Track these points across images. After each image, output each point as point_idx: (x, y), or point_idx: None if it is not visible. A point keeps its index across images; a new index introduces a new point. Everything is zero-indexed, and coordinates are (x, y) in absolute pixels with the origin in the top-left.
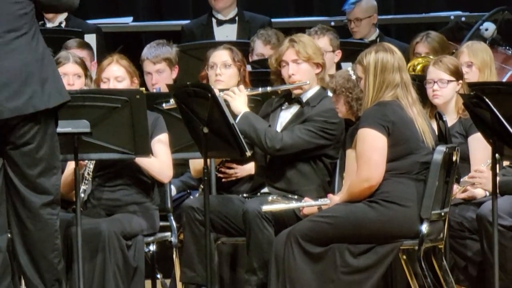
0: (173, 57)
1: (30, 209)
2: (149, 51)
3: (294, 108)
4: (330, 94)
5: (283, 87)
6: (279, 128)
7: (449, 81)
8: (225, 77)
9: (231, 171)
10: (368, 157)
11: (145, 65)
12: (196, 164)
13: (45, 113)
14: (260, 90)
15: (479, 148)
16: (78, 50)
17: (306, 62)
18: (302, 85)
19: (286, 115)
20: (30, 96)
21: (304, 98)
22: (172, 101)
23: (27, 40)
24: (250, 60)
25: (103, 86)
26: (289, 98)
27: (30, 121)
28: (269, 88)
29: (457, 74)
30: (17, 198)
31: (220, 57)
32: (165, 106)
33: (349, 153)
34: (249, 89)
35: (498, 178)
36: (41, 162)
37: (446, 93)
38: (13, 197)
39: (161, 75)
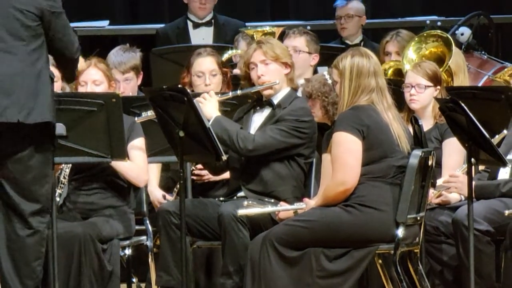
0: (139, 64)
1: (21, 216)
2: (116, 59)
3: (266, 111)
4: (300, 94)
5: (254, 89)
6: (252, 132)
7: (426, 86)
8: (213, 85)
9: (203, 172)
10: (344, 160)
11: (113, 73)
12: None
13: (33, 125)
14: (230, 94)
15: (452, 153)
16: None
17: (274, 62)
18: (272, 85)
19: (258, 118)
20: (6, 106)
21: (275, 100)
22: (144, 114)
23: (28, 52)
24: (234, 61)
25: (81, 89)
26: (260, 101)
27: (20, 129)
28: (239, 92)
29: (436, 79)
30: (8, 205)
31: (207, 65)
32: (137, 119)
33: (325, 157)
34: (219, 95)
35: (473, 183)
36: (33, 170)
37: (423, 98)
38: (5, 203)
39: (129, 84)
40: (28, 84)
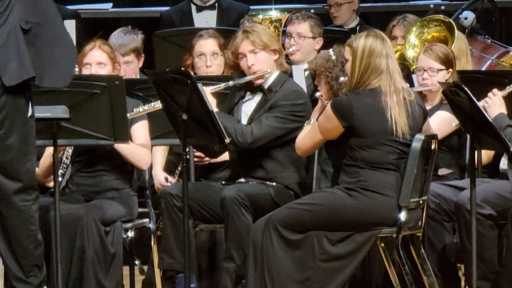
0: (140, 46)
1: (3, 195)
2: (116, 41)
3: (258, 97)
4: (304, 76)
5: (245, 79)
6: (244, 118)
7: (439, 70)
8: (215, 67)
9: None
10: (314, 132)
11: None
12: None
13: (12, 98)
14: (222, 85)
15: (436, 119)
16: None
17: (263, 50)
18: (264, 74)
19: (250, 104)
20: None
21: (266, 85)
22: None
23: None
24: None
25: (85, 71)
26: (251, 87)
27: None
28: (231, 82)
29: (448, 62)
30: None
31: (209, 47)
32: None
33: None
34: (211, 87)
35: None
36: (12, 149)
37: (436, 81)
38: None
39: (129, 66)
40: (2, 51)
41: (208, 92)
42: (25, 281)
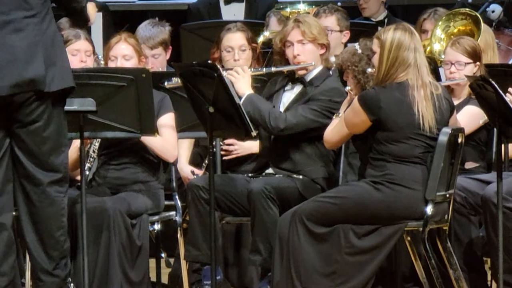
0: (168, 38)
1: (38, 186)
2: (144, 34)
3: (297, 88)
4: (332, 74)
5: (288, 68)
6: (282, 108)
7: (466, 63)
8: (242, 61)
9: (231, 148)
10: (342, 126)
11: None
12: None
13: (52, 94)
14: (264, 70)
15: (465, 114)
16: (71, 30)
17: (311, 42)
18: (307, 66)
19: (289, 95)
20: (32, 76)
21: (308, 78)
22: (174, 79)
23: (37, 21)
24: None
25: (111, 64)
26: (292, 78)
27: (37, 100)
28: (273, 69)
29: (475, 56)
30: (24, 176)
31: (237, 40)
32: (167, 84)
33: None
34: (252, 69)
35: None
36: (49, 140)
37: (463, 75)
38: (21, 175)
39: (157, 59)
40: (45, 53)
41: (248, 73)
42: (52, 274)
